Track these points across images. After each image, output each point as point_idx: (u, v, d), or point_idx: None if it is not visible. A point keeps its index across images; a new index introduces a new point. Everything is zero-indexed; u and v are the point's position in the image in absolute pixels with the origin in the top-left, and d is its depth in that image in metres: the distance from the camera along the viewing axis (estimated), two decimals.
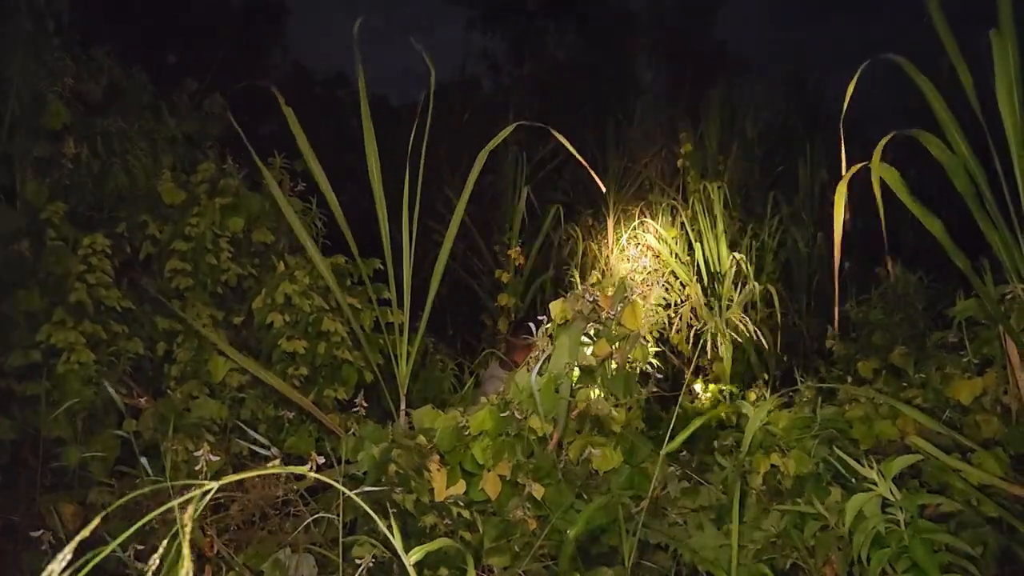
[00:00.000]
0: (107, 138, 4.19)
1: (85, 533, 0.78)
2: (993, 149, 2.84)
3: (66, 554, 0.77)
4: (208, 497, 0.88)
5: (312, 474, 1.38)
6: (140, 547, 2.04)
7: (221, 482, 0.89)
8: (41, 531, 2.27)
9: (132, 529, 0.87)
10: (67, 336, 3.44)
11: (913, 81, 2.89)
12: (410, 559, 1.09)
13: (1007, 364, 2.77)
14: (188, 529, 0.83)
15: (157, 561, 0.84)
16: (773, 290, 5.56)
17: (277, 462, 2.24)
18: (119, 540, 0.87)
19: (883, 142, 2.72)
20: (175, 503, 0.86)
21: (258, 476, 2.39)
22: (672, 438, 2.29)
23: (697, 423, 2.31)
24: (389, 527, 1.09)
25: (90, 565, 0.82)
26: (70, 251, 3.68)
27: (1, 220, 3.59)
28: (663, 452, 2.28)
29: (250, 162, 3.53)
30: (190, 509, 0.84)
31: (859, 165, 2.73)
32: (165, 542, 0.85)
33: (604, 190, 8.45)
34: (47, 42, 4.04)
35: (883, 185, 2.74)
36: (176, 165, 4.42)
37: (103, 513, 0.87)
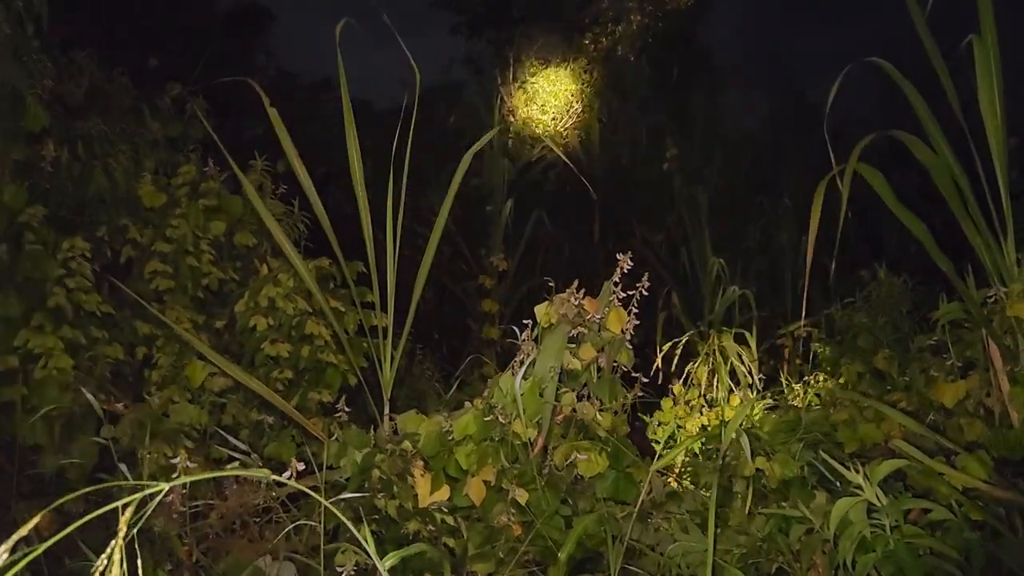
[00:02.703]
0: (88, 141, 4.15)
1: (23, 531, 0.76)
2: (976, 153, 2.85)
3: (3, 551, 0.74)
4: (158, 499, 0.85)
5: (290, 482, 1.35)
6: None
7: (175, 482, 0.87)
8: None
9: (72, 527, 0.85)
10: (45, 341, 3.39)
11: (897, 85, 2.90)
12: (385, 564, 1.06)
13: (990, 367, 2.77)
14: (123, 533, 0.80)
15: (104, 563, 0.81)
16: (750, 295, 5.57)
17: (236, 465, 2.21)
18: (54, 539, 0.84)
19: (862, 143, 2.73)
20: (118, 503, 0.84)
21: (237, 483, 2.35)
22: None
23: (688, 443, 2.30)
24: (365, 535, 1.07)
25: (25, 560, 0.80)
26: (49, 255, 3.64)
27: None
28: (652, 468, 2.26)
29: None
30: (128, 511, 0.81)
31: (840, 167, 2.73)
32: (113, 542, 0.82)
33: (595, 197, 8.48)
34: (26, 45, 3.99)
35: (869, 188, 2.75)
36: (158, 168, 4.38)
37: (45, 510, 0.84)
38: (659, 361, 2.96)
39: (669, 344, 2.87)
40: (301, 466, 2.27)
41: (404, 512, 2.49)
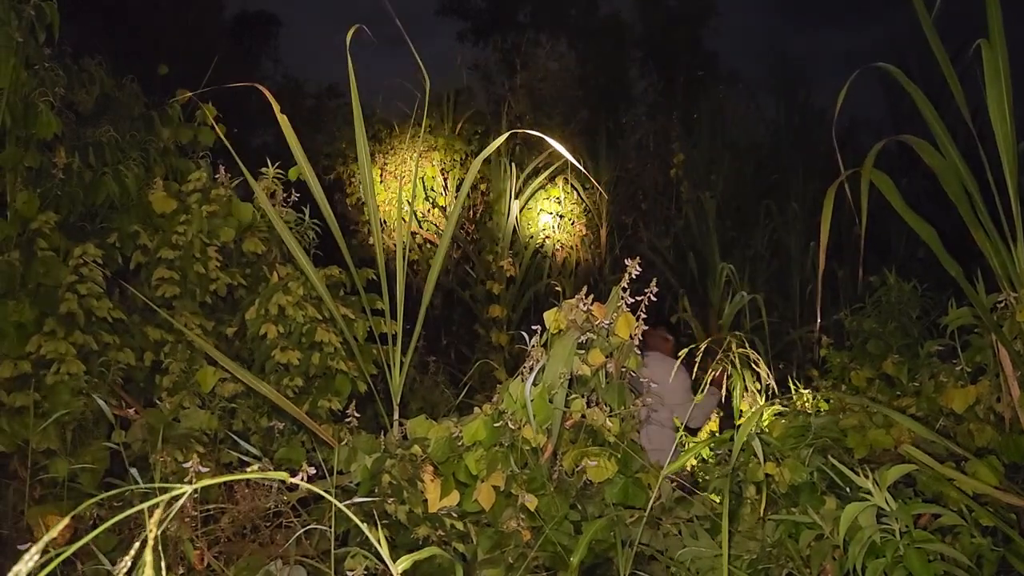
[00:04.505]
0: (99, 148, 4.17)
1: (53, 533, 0.77)
2: (985, 158, 2.85)
3: (32, 554, 0.75)
4: (180, 502, 0.86)
5: (303, 484, 1.36)
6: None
7: (195, 486, 0.88)
8: (29, 544, 2.24)
9: (97, 531, 0.85)
10: (57, 347, 3.41)
11: (903, 90, 2.90)
12: (398, 567, 1.07)
13: (1000, 372, 2.77)
14: (153, 535, 0.81)
15: (128, 565, 0.82)
16: (760, 300, 5.55)
17: (255, 468, 2.22)
18: (83, 541, 0.85)
19: (876, 149, 2.73)
20: (144, 506, 0.85)
21: (248, 488, 2.37)
22: None
23: (698, 448, 2.30)
24: (379, 538, 1.08)
25: (52, 564, 0.81)
26: (61, 261, 3.66)
27: None
28: (663, 473, 2.27)
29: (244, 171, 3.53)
30: (156, 514, 0.82)
31: (850, 171, 2.73)
32: (137, 544, 0.83)
33: (606, 197, 8.48)
34: (38, 52, 4.02)
35: (877, 194, 2.75)
36: (168, 175, 4.41)
37: (69, 516, 0.85)
38: (675, 367, 2.98)
39: (685, 351, 2.87)
40: (312, 471, 2.29)
41: (414, 517, 2.50)
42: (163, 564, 0.87)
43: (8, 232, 3.63)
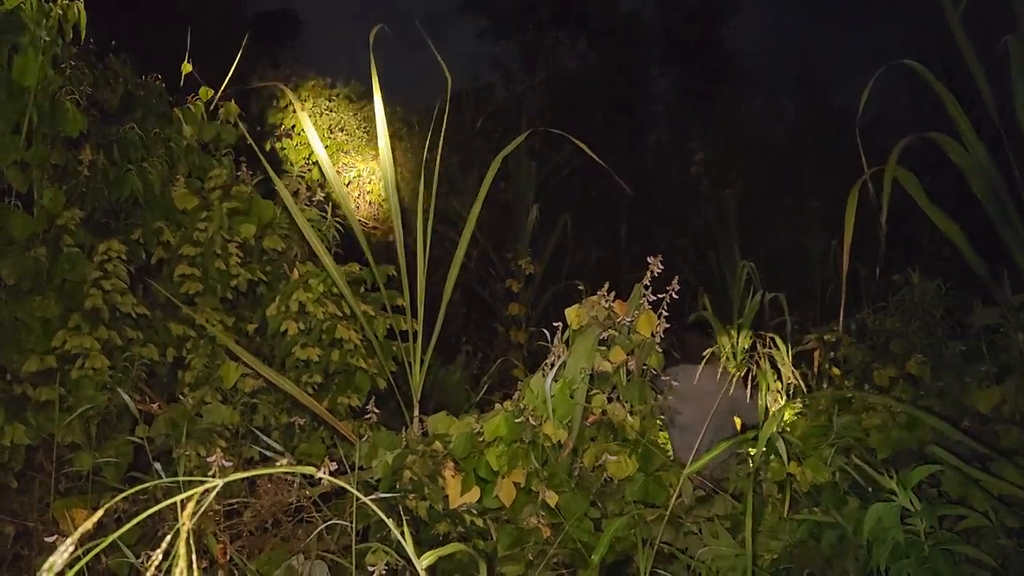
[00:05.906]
0: (123, 145, 4.22)
1: (87, 526, 0.77)
2: (1011, 156, 2.81)
3: (67, 546, 0.76)
4: (211, 496, 0.87)
5: (328, 477, 1.37)
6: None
7: (226, 479, 0.88)
8: (55, 536, 2.27)
9: (129, 524, 0.86)
10: (82, 342, 3.45)
11: (930, 87, 2.87)
12: (422, 563, 1.07)
13: None
14: (187, 527, 0.82)
15: (160, 557, 0.83)
16: (783, 298, 5.51)
17: (284, 461, 2.24)
18: (118, 533, 0.86)
19: (900, 146, 2.70)
20: (176, 499, 0.85)
21: (271, 482, 2.39)
22: None
23: (723, 446, 2.29)
24: (403, 532, 1.08)
25: (88, 556, 0.82)
26: (86, 257, 3.70)
27: (18, 226, 3.61)
28: (685, 472, 2.26)
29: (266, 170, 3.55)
30: (189, 506, 0.83)
31: (874, 169, 2.70)
32: (168, 538, 0.84)
33: (631, 193, 8.46)
34: (65, 51, 4.06)
35: (902, 192, 2.72)
36: (191, 172, 4.44)
37: (103, 508, 0.86)
38: (701, 366, 2.97)
39: (710, 351, 2.86)
40: (333, 466, 2.30)
41: (434, 513, 2.51)
42: (193, 556, 0.88)
43: (34, 228, 3.67)
